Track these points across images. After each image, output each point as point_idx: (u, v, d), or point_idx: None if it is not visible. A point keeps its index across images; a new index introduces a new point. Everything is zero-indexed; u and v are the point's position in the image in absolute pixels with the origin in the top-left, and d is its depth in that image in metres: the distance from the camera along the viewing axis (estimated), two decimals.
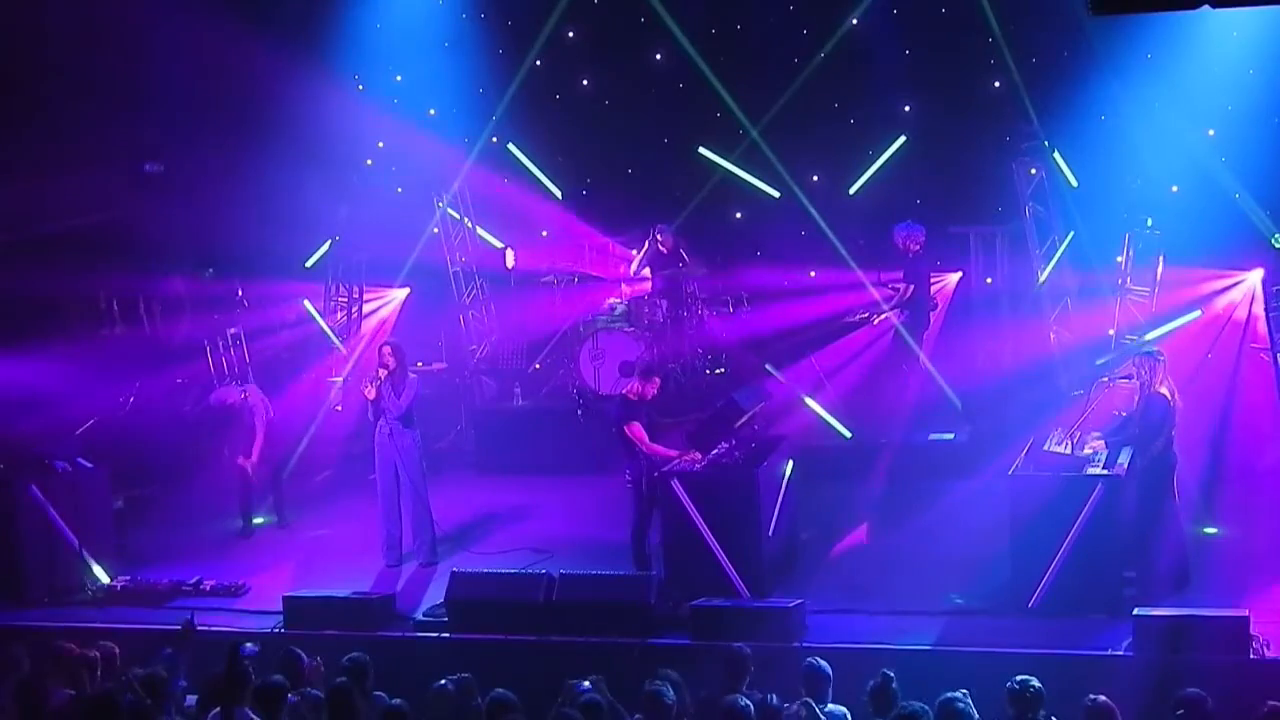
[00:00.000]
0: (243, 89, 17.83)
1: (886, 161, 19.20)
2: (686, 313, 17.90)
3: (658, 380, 13.17)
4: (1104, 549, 11.36)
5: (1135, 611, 10.76)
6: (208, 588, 13.32)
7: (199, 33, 17.27)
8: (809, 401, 16.56)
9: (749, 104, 18.70)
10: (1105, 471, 11.60)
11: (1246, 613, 10.59)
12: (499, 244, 19.83)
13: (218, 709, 9.04)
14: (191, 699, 9.70)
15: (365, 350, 17.81)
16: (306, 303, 17.76)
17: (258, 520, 15.45)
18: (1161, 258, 16.13)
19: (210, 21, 17.33)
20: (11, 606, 13.10)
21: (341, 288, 18.74)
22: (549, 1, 18.23)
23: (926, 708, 8.32)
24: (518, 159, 20.18)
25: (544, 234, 20.60)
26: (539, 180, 20.27)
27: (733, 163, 19.47)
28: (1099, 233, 17.03)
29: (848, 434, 16.30)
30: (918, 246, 16.77)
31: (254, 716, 8.95)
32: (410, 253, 18.72)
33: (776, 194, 19.27)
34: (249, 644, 9.44)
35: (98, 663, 10.07)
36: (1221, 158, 16.28)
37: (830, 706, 9.02)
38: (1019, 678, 8.63)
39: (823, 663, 9.28)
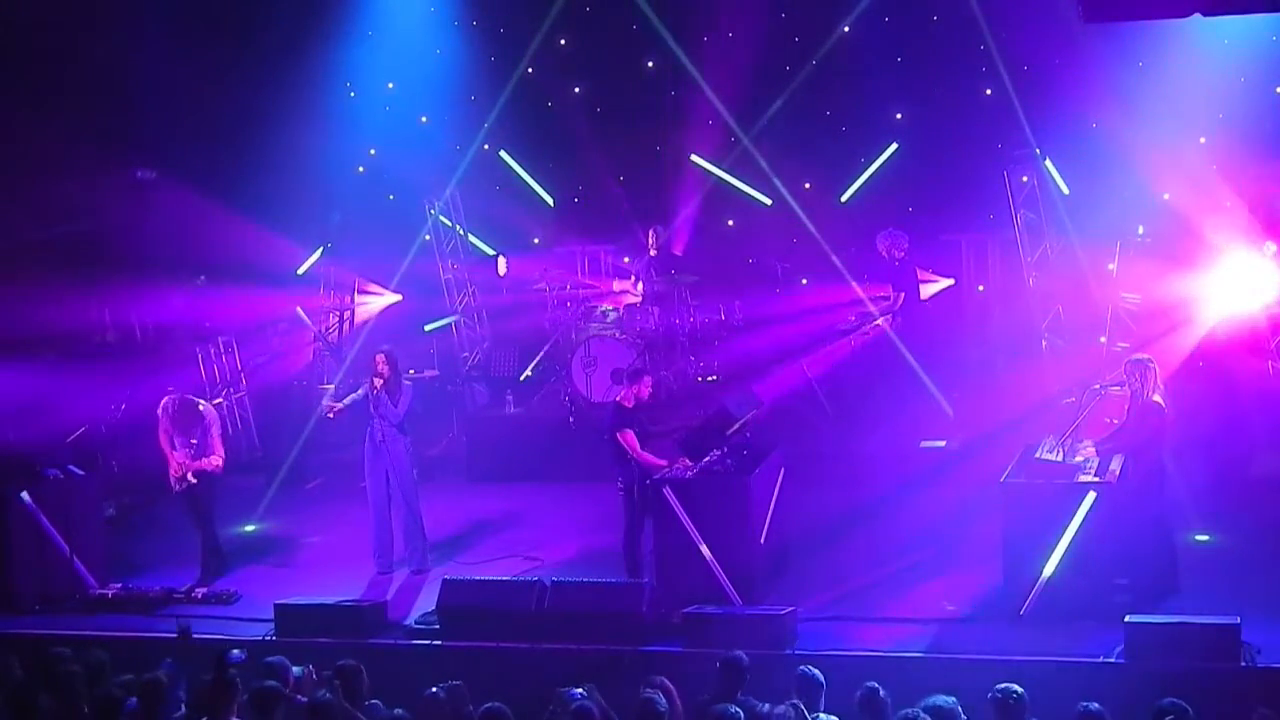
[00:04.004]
0: (235, 95, 17.84)
1: (878, 169, 19.24)
2: (678, 320, 17.91)
3: (648, 379, 13.18)
4: (1096, 556, 11.37)
5: (1127, 618, 10.75)
6: (199, 595, 13.31)
7: (192, 39, 17.28)
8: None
9: (741, 111, 18.74)
10: (1097, 479, 11.61)
11: (1237, 620, 10.59)
12: (491, 251, 19.83)
13: (205, 718, 9.04)
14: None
15: (358, 355, 17.78)
16: (300, 310, 17.65)
17: (250, 527, 15.48)
18: (1152, 265, 16.17)
19: (203, 28, 17.37)
20: (2, 615, 13.07)
21: (334, 294, 18.74)
22: (541, 9, 18.27)
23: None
24: (510, 166, 20.20)
25: (535, 241, 20.62)
26: (531, 188, 20.31)
27: (725, 170, 19.51)
28: (1091, 240, 17.05)
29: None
30: (902, 253, 16.78)
31: None
32: (402, 260, 18.73)
33: (768, 201, 19.32)
34: (236, 650, 9.43)
35: (89, 671, 10.04)
36: (1213, 165, 16.31)
37: (822, 716, 9.01)
38: (1000, 685, 8.62)
39: (815, 671, 9.27)
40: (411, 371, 16.24)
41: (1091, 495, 11.39)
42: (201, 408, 14.07)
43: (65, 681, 9.79)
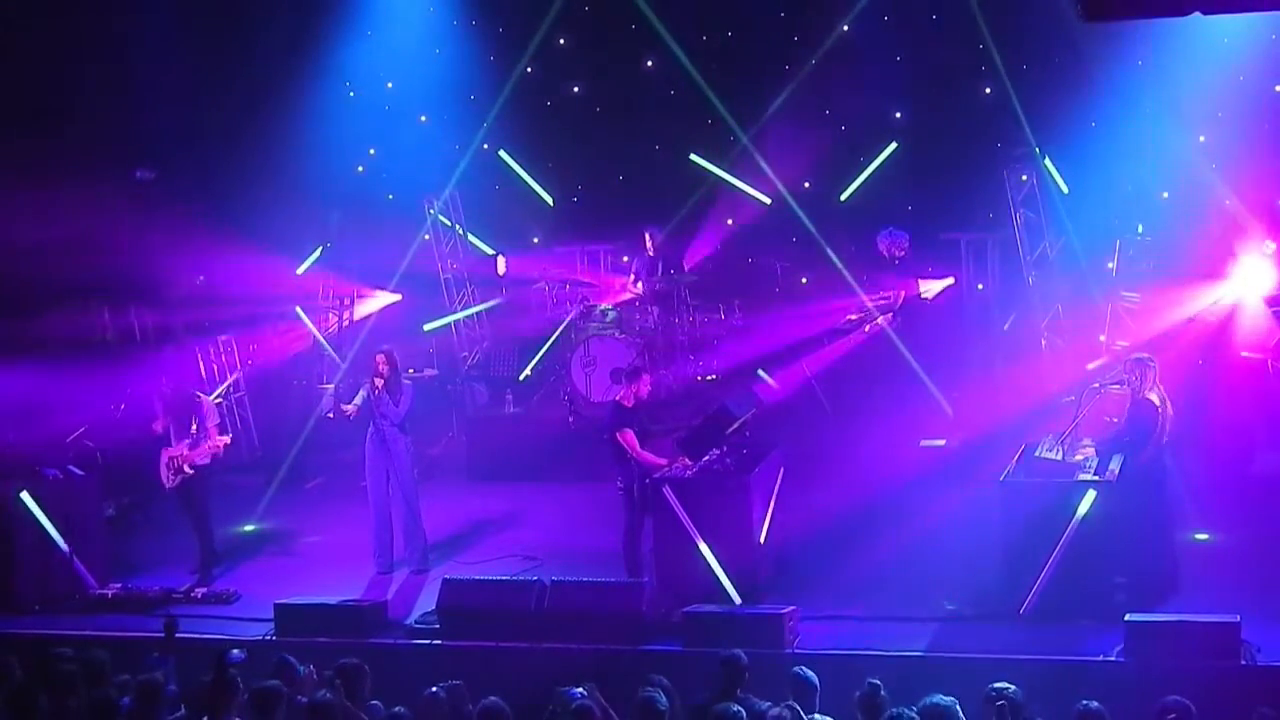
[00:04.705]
0: (235, 95, 17.83)
1: (878, 168, 19.24)
2: (678, 319, 17.92)
3: (646, 377, 13.20)
4: (1095, 555, 11.37)
5: (1126, 617, 10.76)
6: (199, 595, 13.33)
7: (192, 39, 17.27)
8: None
9: (740, 110, 18.75)
10: (1096, 477, 11.62)
11: (1237, 618, 10.59)
12: (490, 250, 19.82)
13: (206, 718, 9.03)
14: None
15: (357, 355, 17.78)
16: (299, 310, 17.90)
17: (250, 527, 15.49)
18: (1152, 263, 16.17)
19: (203, 28, 17.35)
20: (2, 614, 13.08)
21: (333, 294, 18.75)
22: (540, 8, 18.25)
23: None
24: (509, 166, 20.20)
25: (535, 240, 20.62)
26: (530, 187, 20.31)
27: (724, 169, 19.50)
28: (1090, 239, 17.06)
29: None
30: (902, 253, 16.78)
31: None
32: (401, 259, 18.72)
33: (768, 200, 19.31)
34: (236, 650, 9.42)
35: (89, 671, 10.03)
36: (1212, 164, 16.31)
37: (817, 717, 8.99)
38: (993, 685, 8.61)
39: (809, 672, 9.25)
40: (411, 371, 16.24)
41: (1091, 494, 11.40)
42: (199, 397, 14.13)
43: (64, 681, 9.79)
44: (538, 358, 18.57)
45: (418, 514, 13.83)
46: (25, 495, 13.43)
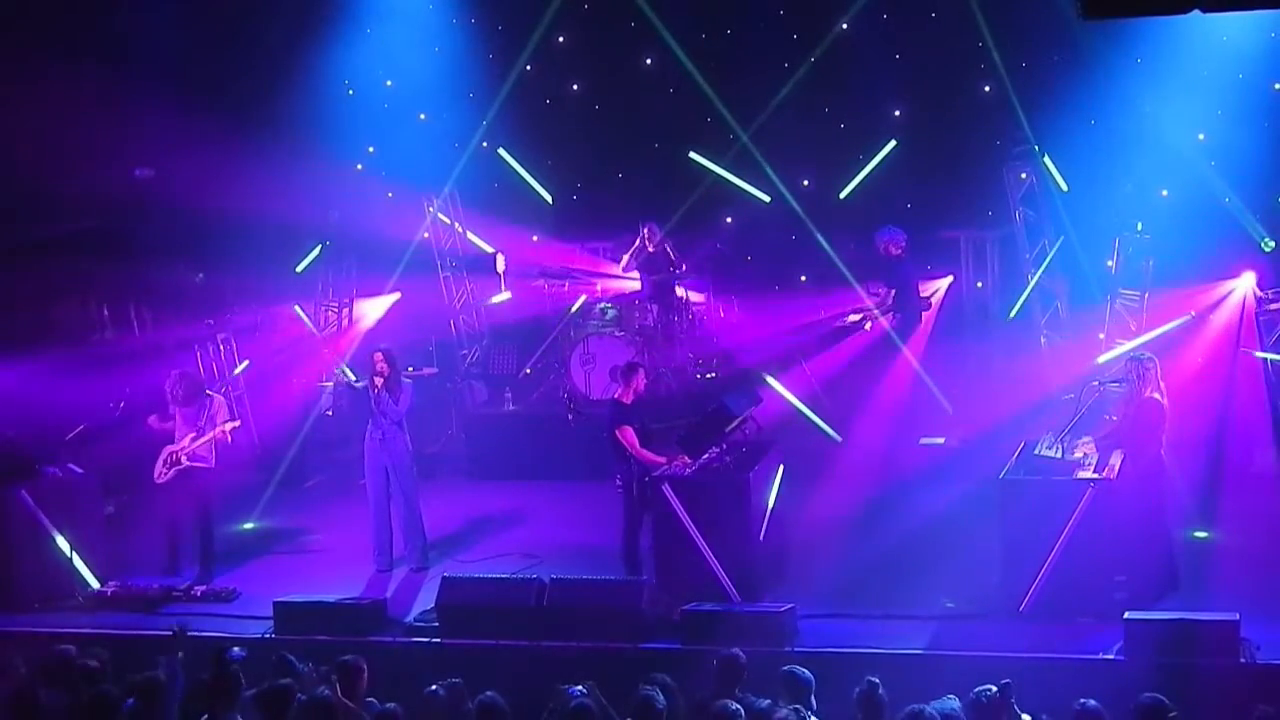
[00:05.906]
0: (234, 93, 17.82)
1: (877, 166, 19.23)
2: (677, 317, 17.91)
3: (642, 372, 13.20)
4: (1094, 553, 11.37)
5: (1125, 615, 10.77)
6: (198, 593, 13.33)
7: (191, 38, 17.27)
8: (798, 404, 16.66)
9: (739, 108, 18.72)
10: (1096, 475, 11.62)
11: (1236, 616, 10.60)
12: (489, 248, 19.81)
13: (206, 715, 9.04)
14: None
15: (356, 355, 17.77)
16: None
17: (249, 525, 15.49)
18: (1151, 261, 16.15)
19: (202, 26, 17.35)
20: (2, 613, 13.07)
21: (333, 292, 18.74)
22: (539, 6, 18.24)
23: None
24: (509, 164, 20.19)
25: (534, 239, 20.61)
26: (530, 185, 20.30)
27: (723, 167, 19.48)
28: (1089, 237, 17.06)
29: (838, 437, 16.36)
30: (899, 251, 16.77)
31: None
32: (400, 257, 18.71)
33: (767, 199, 19.30)
34: (235, 648, 9.43)
35: (90, 669, 10.04)
36: (1211, 162, 16.30)
37: (813, 717, 8.98)
38: (978, 688, 8.59)
39: (802, 670, 9.25)
40: (410, 369, 16.24)
41: (1090, 492, 11.40)
42: (210, 394, 14.18)
43: (66, 678, 9.80)
44: (537, 355, 18.55)
45: (417, 512, 13.83)
46: (25, 493, 13.42)
